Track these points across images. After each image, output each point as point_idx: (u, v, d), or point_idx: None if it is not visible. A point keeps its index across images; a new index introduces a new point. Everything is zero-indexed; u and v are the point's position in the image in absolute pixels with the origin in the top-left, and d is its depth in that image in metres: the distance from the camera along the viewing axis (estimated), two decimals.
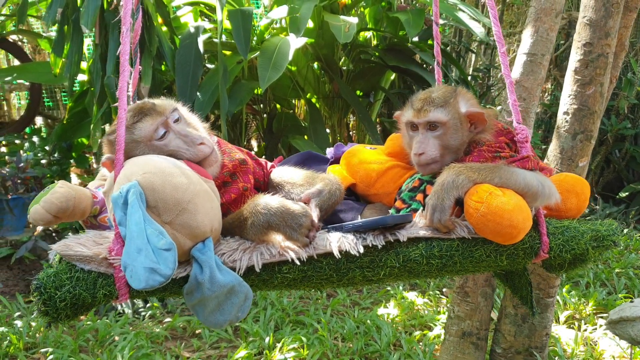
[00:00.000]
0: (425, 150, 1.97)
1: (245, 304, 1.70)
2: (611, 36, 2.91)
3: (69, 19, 5.19)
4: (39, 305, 1.64)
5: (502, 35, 2.03)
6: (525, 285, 2.16)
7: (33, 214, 1.83)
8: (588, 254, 1.86)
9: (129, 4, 1.77)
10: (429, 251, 1.81)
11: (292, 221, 1.74)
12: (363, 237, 1.79)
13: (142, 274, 1.53)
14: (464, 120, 2.00)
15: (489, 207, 1.70)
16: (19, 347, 4.26)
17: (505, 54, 2.00)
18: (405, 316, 4.83)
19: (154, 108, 1.87)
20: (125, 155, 1.79)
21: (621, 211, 7.43)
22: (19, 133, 6.77)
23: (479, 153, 1.97)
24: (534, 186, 1.82)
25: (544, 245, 1.86)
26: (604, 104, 3.06)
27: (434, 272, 1.86)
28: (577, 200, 1.96)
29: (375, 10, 6.58)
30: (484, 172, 1.80)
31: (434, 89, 2.06)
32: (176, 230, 1.65)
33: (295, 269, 1.77)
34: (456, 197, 1.78)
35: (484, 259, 1.84)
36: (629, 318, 3.25)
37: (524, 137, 1.93)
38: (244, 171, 2.06)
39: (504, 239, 1.76)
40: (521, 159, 1.89)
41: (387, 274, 1.81)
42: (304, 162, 2.31)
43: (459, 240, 1.82)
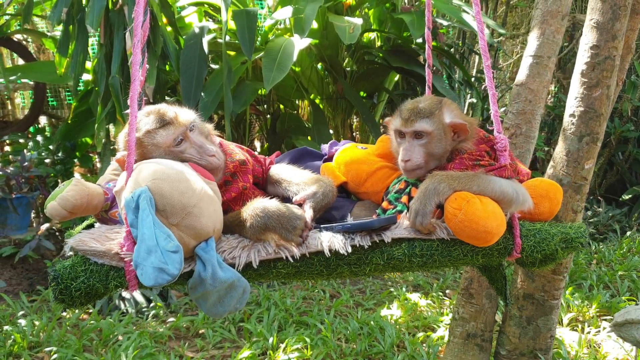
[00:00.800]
0: (411, 157, 2.11)
1: (243, 296, 1.89)
2: (618, 39, 2.91)
3: (74, 19, 5.20)
4: (56, 294, 1.83)
5: (487, 48, 2.15)
6: (500, 278, 2.35)
7: (50, 210, 1.96)
8: (557, 254, 2.02)
9: (140, 10, 1.83)
10: (411, 250, 1.97)
11: (288, 224, 1.91)
12: (351, 238, 1.95)
13: (152, 273, 1.69)
14: (447, 130, 2.14)
15: (466, 214, 1.86)
16: (23, 346, 4.27)
17: (489, 67, 2.12)
18: (409, 317, 4.83)
19: (177, 118, 2.05)
20: (142, 154, 2.01)
21: (624, 213, 7.43)
22: (23, 132, 6.77)
23: (460, 161, 2.12)
24: (509, 194, 1.97)
25: (516, 246, 2.01)
26: (610, 106, 3.06)
27: (415, 268, 2.04)
28: (549, 205, 2.10)
29: (379, 12, 6.59)
30: (463, 181, 1.96)
31: (421, 100, 2.20)
32: (182, 232, 1.81)
33: (289, 265, 1.94)
34: (437, 203, 1.94)
35: (461, 257, 2.00)
36: (634, 321, 3.25)
37: (503, 146, 2.08)
38: (243, 171, 2.23)
39: (479, 242, 1.91)
40: (499, 168, 2.05)
41: (372, 269, 1.99)
42: (300, 157, 2.50)
43: (439, 240, 1.98)
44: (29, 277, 5.67)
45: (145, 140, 2.01)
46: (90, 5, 4.88)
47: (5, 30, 6.55)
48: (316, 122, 6.11)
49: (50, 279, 1.83)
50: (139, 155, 2.01)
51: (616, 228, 7.07)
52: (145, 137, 2.01)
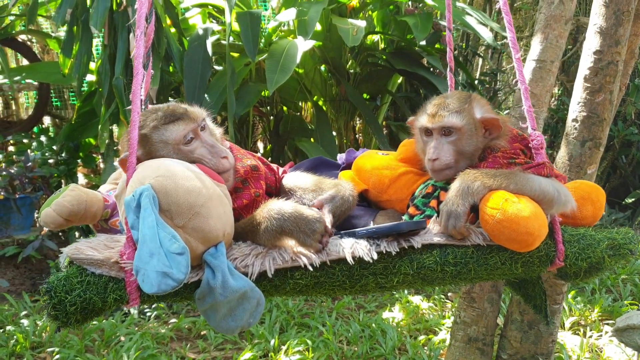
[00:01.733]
0: (440, 155, 1.96)
1: (257, 309, 1.69)
2: (621, 44, 2.91)
3: (79, 20, 5.21)
4: (48, 310, 1.63)
5: (516, 41, 2.01)
6: (540, 293, 2.17)
7: (44, 217, 1.83)
8: (604, 263, 1.85)
9: (143, 9, 1.77)
10: (443, 258, 1.79)
11: (306, 227, 1.72)
12: (377, 244, 1.77)
13: (155, 278, 1.52)
14: (478, 126, 1.99)
15: (504, 214, 1.69)
16: (26, 346, 4.28)
17: (520, 60, 1.98)
18: (410, 320, 4.83)
19: (187, 113, 1.90)
20: (148, 152, 1.85)
21: (627, 217, 7.42)
22: (27, 132, 6.79)
23: (494, 159, 1.96)
24: (550, 193, 1.80)
25: (559, 253, 1.85)
26: (613, 111, 3.06)
27: (448, 280, 1.84)
28: (592, 208, 1.95)
29: (383, 14, 6.59)
30: (499, 179, 1.79)
31: (448, 95, 2.06)
32: (189, 234, 1.64)
33: (308, 275, 1.75)
34: (471, 203, 1.77)
35: (499, 266, 1.82)
36: (635, 326, 3.25)
37: (539, 143, 1.92)
38: (255, 177, 2.06)
39: (519, 246, 1.74)
40: (536, 166, 1.88)
41: (401, 281, 1.80)
42: (316, 168, 2.32)
43: (474, 247, 1.81)
44: (32, 277, 5.69)
45: (154, 136, 1.86)
46: (95, 6, 4.90)
47: (9, 31, 6.57)
48: (319, 124, 6.11)
49: (42, 292, 1.63)
50: (145, 153, 1.87)
51: None
52: (153, 133, 1.86)
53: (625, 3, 2.88)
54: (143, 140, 1.86)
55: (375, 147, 6.90)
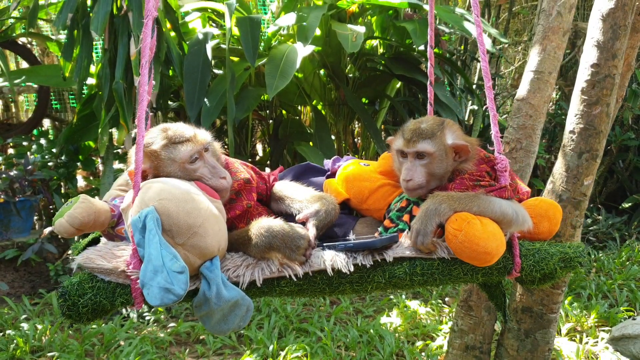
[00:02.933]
0: (413, 177, 2.15)
1: (246, 314, 1.92)
2: (618, 57, 2.94)
3: (79, 24, 5.23)
4: (63, 310, 1.86)
5: (489, 72, 2.19)
6: (500, 295, 2.39)
7: (58, 227, 2.00)
8: (556, 273, 2.06)
9: (148, 32, 1.86)
10: (412, 269, 2.00)
11: (292, 243, 1.94)
12: (354, 257, 1.98)
13: (158, 293, 1.73)
14: (449, 150, 2.17)
15: (466, 235, 1.89)
16: (26, 350, 4.31)
17: (490, 89, 2.16)
18: (408, 325, 4.86)
19: (195, 136, 2.11)
20: (156, 167, 2.07)
21: (623, 222, 7.46)
22: (27, 135, 6.81)
23: (461, 181, 2.15)
24: (509, 214, 2.01)
25: (516, 265, 2.05)
26: (610, 123, 3.09)
27: (416, 286, 2.08)
28: (549, 225, 2.14)
29: (382, 19, 6.62)
30: (464, 202, 1.99)
31: (423, 120, 2.24)
32: (187, 251, 1.84)
33: (292, 284, 1.97)
34: (438, 223, 1.97)
35: (462, 276, 2.04)
36: (631, 335, 3.29)
37: (503, 166, 2.12)
38: (248, 189, 2.27)
39: (479, 263, 1.95)
40: (499, 189, 2.08)
41: (374, 287, 2.02)
42: (303, 173, 2.56)
43: (439, 260, 2.01)
44: (32, 279, 5.71)
45: (163, 154, 2.06)
46: (95, 11, 4.92)
47: (10, 34, 6.59)
48: (318, 128, 6.14)
49: (57, 295, 1.87)
50: (153, 167, 2.07)
51: (616, 236, 7.10)
52: (162, 150, 2.06)
53: (622, 17, 2.91)
54: (152, 156, 2.07)
55: (374, 151, 6.94)
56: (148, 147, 2.06)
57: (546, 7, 3.33)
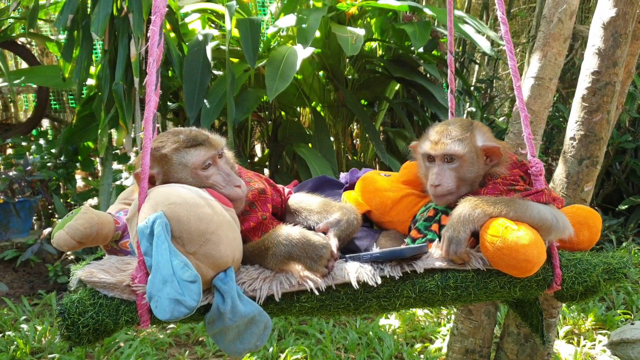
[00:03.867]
0: (442, 182, 2.02)
1: (264, 333, 1.76)
2: (619, 65, 2.97)
3: (79, 25, 5.24)
4: (62, 330, 1.68)
5: (517, 68, 2.09)
6: (536, 314, 2.21)
7: (57, 240, 1.87)
8: (600, 286, 1.92)
9: (156, 29, 1.78)
10: (444, 282, 1.85)
11: (313, 252, 1.79)
12: (380, 268, 1.83)
13: (167, 305, 1.58)
14: (480, 153, 2.05)
15: (504, 242, 1.75)
16: (26, 351, 4.31)
17: (520, 89, 2.05)
18: (407, 327, 4.89)
19: (209, 140, 1.96)
20: (166, 172, 1.91)
21: (620, 224, 7.49)
22: (26, 135, 6.81)
23: (494, 186, 2.02)
24: (549, 220, 1.86)
25: (557, 277, 1.91)
26: (610, 130, 3.12)
27: (448, 302, 1.91)
28: (589, 233, 2.01)
29: (381, 21, 6.63)
30: (499, 206, 1.84)
31: (450, 121, 2.12)
32: (199, 261, 1.69)
33: (314, 298, 1.81)
34: (472, 230, 1.83)
35: (498, 290, 1.88)
36: (629, 340, 3.31)
37: (538, 170, 1.99)
38: (262, 200, 2.13)
39: (518, 273, 1.80)
40: (535, 193, 1.94)
41: (403, 303, 1.86)
42: (320, 187, 2.40)
43: (474, 271, 1.87)
44: (31, 280, 5.71)
45: (174, 158, 1.91)
46: (96, 12, 4.93)
47: (9, 34, 6.58)
48: (317, 130, 6.16)
49: (56, 314, 1.70)
50: (163, 173, 1.93)
51: (612, 238, 7.12)
52: (173, 154, 1.92)
53: (623, 26, 2.93)
54: (162, 160, 1.92)
55: (373, 152, 6.96)
56: (158, 151, 1.91)
57: (547, 14, 3.34)
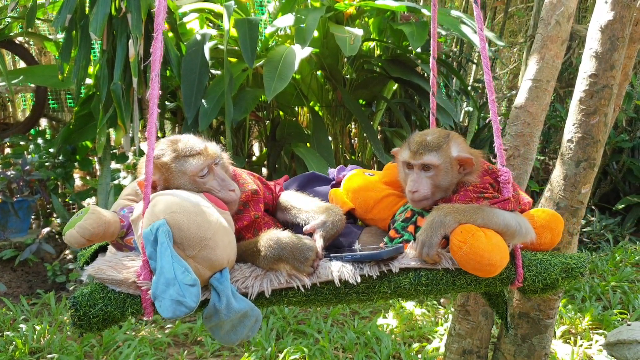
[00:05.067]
0: (419, 188, 2.20)
1: (255, 325, 1.96)
2: (616, 68, 2.98)
3: (77, 25, 5.24)
4: (74, 320, 1.89)
5: (492, 82, 2.24)
6: (502, 303, 2.44)
7: (69, 238, 2.03)
8: (558, 283, 2.10)
9: (158, 45, 1.86)
10: (417, 280, 2.04)
11: (300, 255, 1.97)
12: (360, 267, 2.02)
13: (170, 305, 1.76)
14: (454, 163, 2.22)
15: (471, 247, 1.93)
16: (25, 351, 4.32)
17: (494, 102, 2.21)
18: (404, 327, 4.91)
19: (206, 150, 2.15)
20: (166, 179, 2.11)
21: (617, 223, 7.53)
22: (24, 134, 6.81)
23: (465, 193, 2.20)
24: (513, 226, 2.05)
25: (519, 276, 2.10)
26: (607, 132, 3.14)
27: (421, 296, 2.11)
28: (551, 235, 2.19)
29: (379, 21, 6.63)
30: (468, 214, 2.03)
31: (429, 132, 2.29)
32: (198, 263, 1.87)
33: (300, 294, 2.01)
34: (443, 234, 2.02)
35: (465, 286, 2.08)
36: (625, 341, 3.34)
37: (506, 179, 2.16)
38: (255, 201, 2.32)
39: (483, 274, 1.99)
40: (502, 201, 2.12)
41: (380, 297, 2.06)
42: (308, 182, 2.61)
43: (444, 270, 2.05)
44: (29, 280, 5.72)
45: (174, 166, 2.09)
46: (94, 12, 4.92)
47: (7, 33, 6.57)
48: (315, 129, 6.17)
49: (69, 305, 1.90)
50: (163, 179, 2.11)
51: (609, 238, 7.16)
52: (173, 163, 2.09)
53: (620, 29, 2.95)
54: (163, 168, 2.11)
55: (371, 152, 6.97)
56: (159, 159, 2.09)
57: (545, 16, 3.36)
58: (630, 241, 7.26)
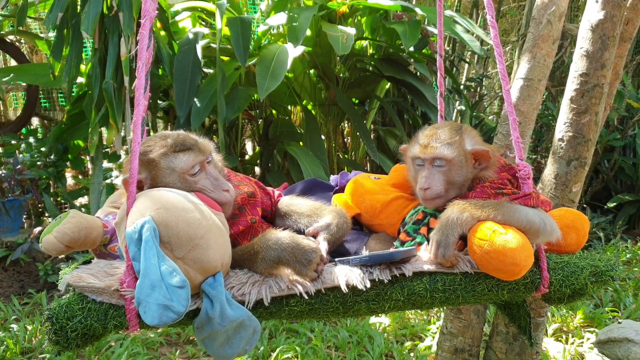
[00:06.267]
0: (431, 185, 2.02)
1: (253, 337, 1.76)
2: (607, 67, 2.99)
3: (69, 23, 5.21)
4: (50, 335, 1.68)
5: (506, 72, 2.07)
6: (524, 316, 2.22)
7: (45, 244, 1.86)
8: (587, 289, 1.92)
9: (145, 33, 1.79)
10: (432, 285, 1.86)
11: (302, 257, 1.79)
12: (369, 272, 1.83)
13: (156, 310, 1.58)
14: (468, 157, 2.06)
15: (492, 245, 1.75)
16: (16, 351, 4.30)
17: (509, 92, 2.06)
18: (397, 325, 4.91)
19: (197, 145, 1.95)
20: (154, 177, 1.91)
21: (608, 221, 7.56)
22: (15, 133, 6.77)
23: (482, 189, 2.03)
24: (536, 223, 1.87)
25: (544, 280, 1.92)
26: (598, 131, 3.15)
27: (437, 304, 1.91)
28: (576, 236, 2.02)
29: (372, 20, 6.64)
30: (487, 210, 1.85)
31: (440, 125, 2.13)
32: (188, 265, 1.69)
33: (303, 302, 1.81)
34: (460, 233, 1.83)
35: (486, 292, 1.89)
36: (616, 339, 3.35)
37: (526, 173, 1.99)
38: (252, 204, 2.13)
39: (506, 276, 1.80)
40: (523, 197, 1.94)
41: (392, 306, 1.86)
42: (310, 190, 2.39)
43: (462, 274, 1.87)
44: (21, 279, 5.70)
45: (161, 162, 1.90)
46: (86, 10, 4.90)
47: None
48: (308, 128, 6.16)
49: (44, 318, 1.71)
50: (151, 177, 1.91)
51: (601, 236, 7.19)
52: (162, 159, 1.90)
53: (611, 28, 2.96)
54: (150, 165, 1.91)
55: (364, 151, 6.98)
56: (146, 155, 1.90)
57: (536, 16, 3.37)
58: (622, 239, 7.29)
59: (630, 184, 8.11)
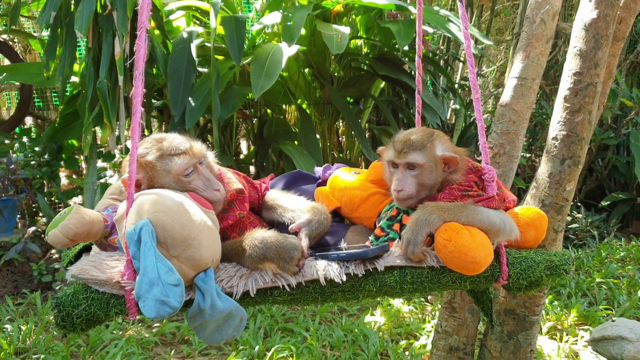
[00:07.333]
0: (404, 187, 2.21)
1: (240, 325, 1.95)
2: (600, 66, 3.00)
3: (63, 22, 5.19)
4: (57, 321, 1.88)
5: (476, 81, 2.26)
6: (487, 301, 2.47)
7: (52, 238, 2.00)
8: (542, 281, 2.13)
9: (141, 44, 1.84)
10: (402, 278, 2.05)
11: (285, 254, 1.97)
12: (346, 266, 2.03)
13: (154, 305, 1.75)
14: (439, 162, 2.24)
15: (455, 245, 1.94)
16: (10, 352, 4.29)
17: (478, 100, 2.23)
18: (392, 324, 4.92)
19: (192, 149, 2.13)
20: (150, 178, 2.09)
21: (602, 219, 7.59)
22: (9, 133, 6.75)
23: (450, 191, 2.21)
24: (497, 224, 2.07)
25: (503, 273, 2.11)
26: (592, 130, 3.16)
27: (406, 294, 2.12)
28: (535, 233, 2.20)
29: (366, 19, 6.64)
30: (453, 212, 2.05)
31: (413, 132, 2.30)
32: (182, 263, 1.86)
33: (285, 293, 2.01)
34: (428, 233, 2.03)
35: (450, 284, 2.09)
36: (610, 337, 3.37)
37: (490, 177, 2.19)
38: (240, 200, 2.31)
39: (468, 272, 2.00)
40: (487, 199, 2.14)
41: (365, 295, 2.07)
42: (294, 181, 2.61)
43: (429, 268, 2.07)
44: (15, 279, 5.68)
45: (158, 165, 2.07)
46: (79, 9, 4.88)
47: None
48: (303, 127, 6.16)
49: (52, 306, 1.89)
50: (147, 178, 2.08)
51: (595, 234, 7.22)
52: (158, 162, 2.07)
53: (604, 27, 2.97)
54: (147, 166, 2.08)
55: (358, 150, 6.98)
56: (143, 158, 2.07)
57: (530, 15, 3.38)
58: (616, 237, 7.32)
59: (624, 183, 8.15)
